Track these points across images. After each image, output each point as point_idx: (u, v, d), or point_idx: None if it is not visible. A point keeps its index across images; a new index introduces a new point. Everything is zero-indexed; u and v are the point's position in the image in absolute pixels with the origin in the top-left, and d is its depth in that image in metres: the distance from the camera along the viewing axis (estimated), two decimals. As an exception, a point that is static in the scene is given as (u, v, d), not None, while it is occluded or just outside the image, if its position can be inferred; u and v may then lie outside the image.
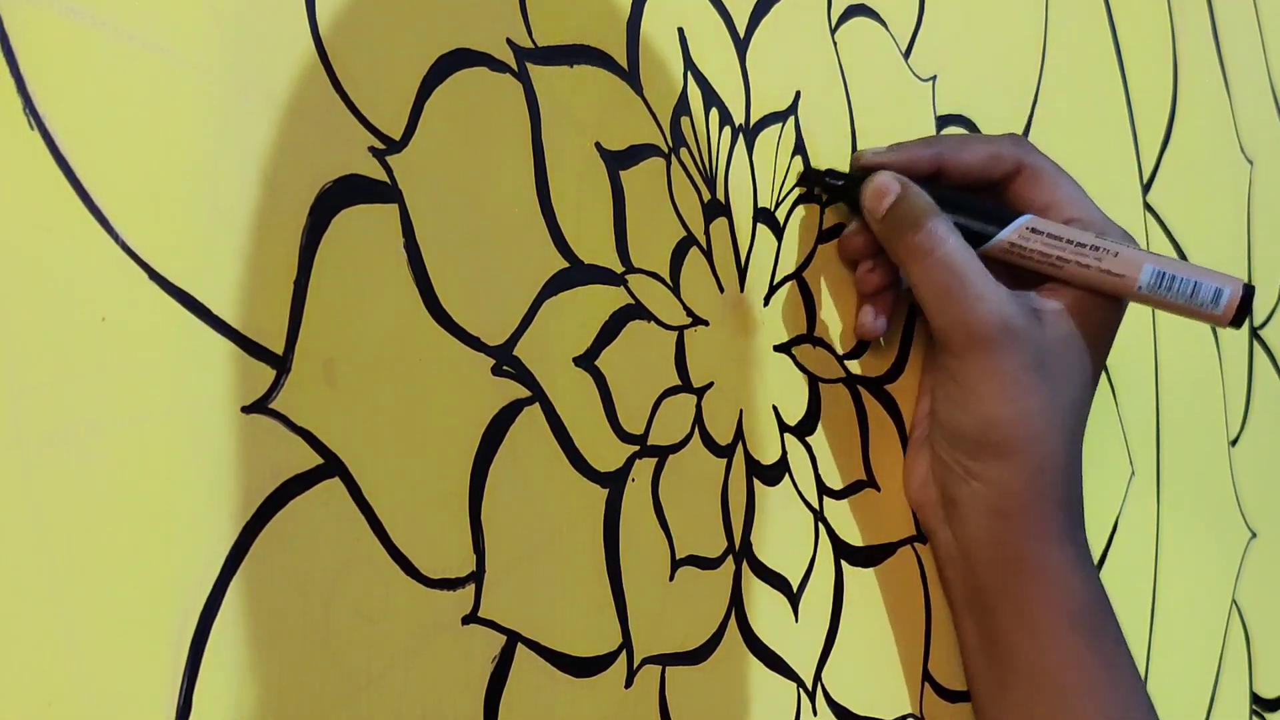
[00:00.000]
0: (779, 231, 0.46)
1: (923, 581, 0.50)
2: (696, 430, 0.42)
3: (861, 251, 0.47)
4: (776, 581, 0.44)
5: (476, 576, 0.35)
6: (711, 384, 0.42)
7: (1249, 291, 0.44)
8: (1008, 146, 0.48)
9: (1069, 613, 0.45)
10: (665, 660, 0.40)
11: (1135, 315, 0.66)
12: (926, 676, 0.50)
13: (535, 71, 0.38)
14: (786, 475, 0.45)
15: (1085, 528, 0.47)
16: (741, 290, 0.44)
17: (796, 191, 0.47)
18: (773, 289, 0.45)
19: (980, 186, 0.48)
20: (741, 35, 0.45)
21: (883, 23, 0.52)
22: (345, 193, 0.33)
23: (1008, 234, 0.46)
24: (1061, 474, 0.45)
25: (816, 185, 0.47)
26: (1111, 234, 0.46)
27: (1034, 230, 0.46)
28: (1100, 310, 0.47)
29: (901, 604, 0.49)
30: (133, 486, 0.28)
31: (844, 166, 0.49)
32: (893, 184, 0.45)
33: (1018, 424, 0.44)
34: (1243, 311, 0.44)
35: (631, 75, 0.41)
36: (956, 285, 0.44)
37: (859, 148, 0.50)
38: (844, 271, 0.49)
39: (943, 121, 0.54)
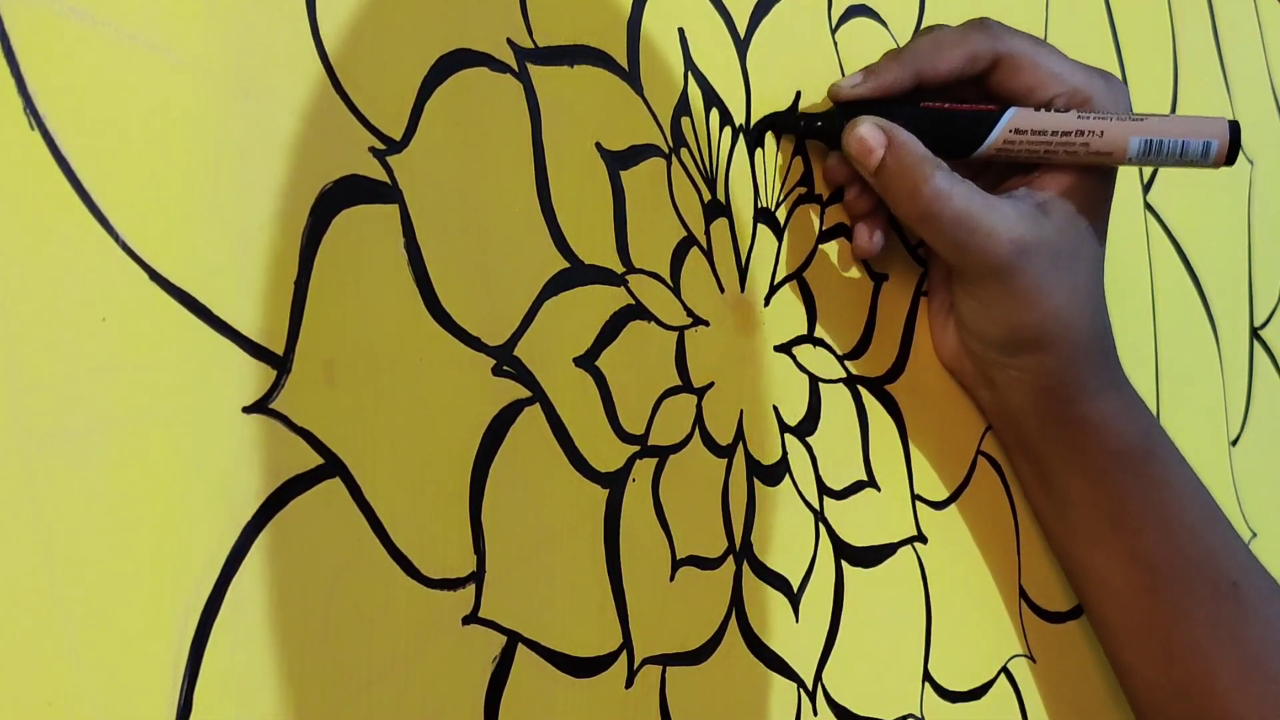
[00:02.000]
0: (779, 231, 0.46)
1: (923, 581, 0.50)
2: (697, 430, 0.42)
3: (848, 177, 0.47)
4: (777, 582, 0.44)
5: (477, 577, 0.35)
6: (712, 384, 0.42)
7: (1235, 131, 0.45)
8: (981, 41, 0.47)
9: (1116, 454, 0.49)
10: (666, 660, 0.40)
11: (1136, 314, 0.66)
12: (927, 676, 0.50)
13: (536, 71, 0.38)
14: (787, 475, 0.45)
15: (1120, 362, 0.50)
16: (742, 290, 0.44)
17: (798, 191, 0.47)
18: (773, 289, 0.45)
19: (960, 86, 0.47)
20: (742, 35, 0.45)
21: (883, 23, 0.52)
22: (346, 193, 0.33)
23: (993, 140, 0.46)
24: (1094, 340, 0.48)
25: (790, 130, 0.46)
26: (1097, 97, 0.47)
27: (1017, 131, 0.46)
28: (1094, 183, 0.48)
29: (902, 604, 0.49)
30: (133, 487, 0.28)
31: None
32: (878, 135, 0.45)
33: (1045, 323, 0.46)
34: (1233, 151, 0.45)
35: (632, 75, 0.41)
36: (969, 232, 0.45)
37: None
38: (844, 271, 0.49)
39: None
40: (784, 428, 0.45)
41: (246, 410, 0.30)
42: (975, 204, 0.45)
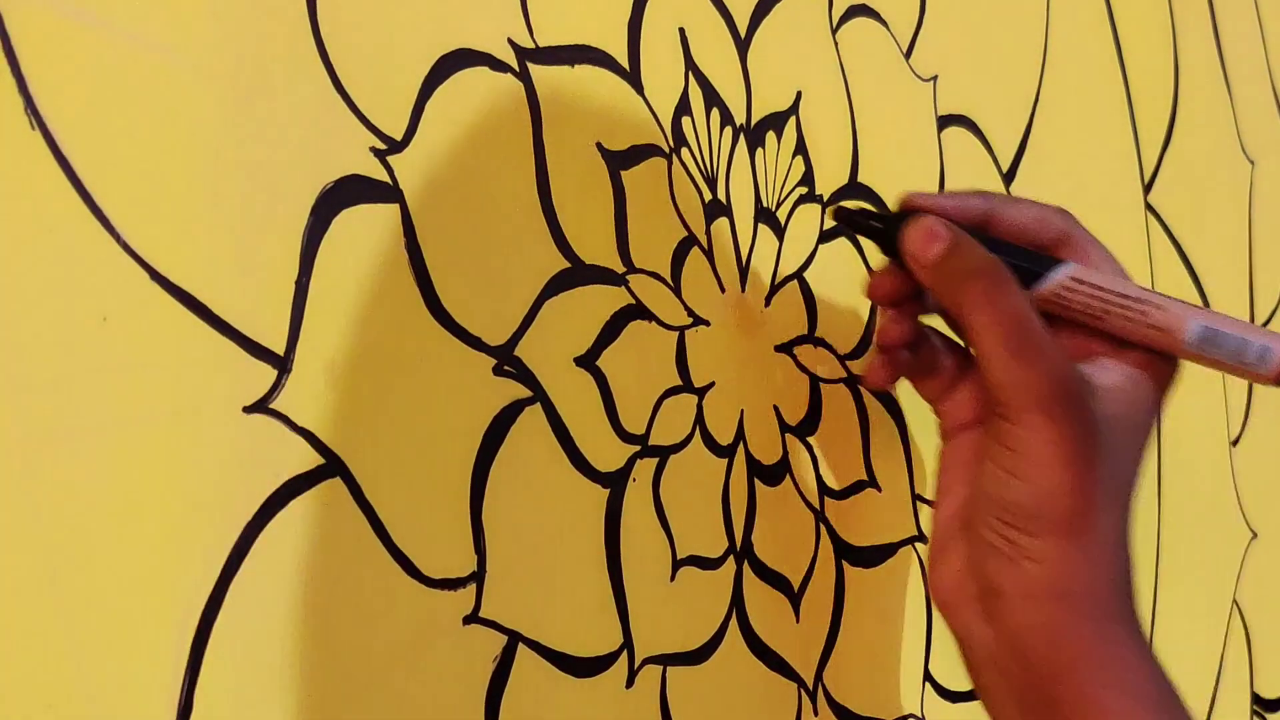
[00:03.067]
0: (780, 232, 0.46)
1: (923, 582, 0.50)
2: (697, 430, 0.42)
3: (890, 296, 0.45)
4: (777, 582, 0.44)
5: (477, 576, 0.35)
6: (712, 384, 0.42)
7: None
8: (1056, 214, 0.46)
9: (1146, 699, 0.42)
10: (666, 660, 0.40)
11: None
12: (927, 676, 0.50)
13: (536, 71, 0.38)
14: (787, 475, 0.45)
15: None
16: (743, 290, 0.44)
17: (799, 191, 0.47)
18: (774, 289, 0.45)
19: (1025, 246, 0.45)
20: (742, 35, 0.45)
21: (884, 23, 0.52)
22: (347, 193, 0.33)
23: (1054, 280, 0.44)
24: (1118, 555, 0.42)
25: (851, 225, 0.44)
26: (1163, 306, 0.44)
27: (1078, 280, 0.44)
28: (1147, 391, 0.44)
29: (902, 604, 0.49)
30: (134, 486, 0.28)
31: (844, 175, 0.49)
32: (942, 230, 0.43)
33: (1082, 494, 0.40)
34: None
35: (633, 75, 0.41)
36: (1023, 341, 0.41)
37: (862, 155, 0.50)
38: (845, 272, 0.49)
39: (944, 121, 0.54)
40: (785, 427, 0.45)
41: (247, 410, 0.30)
42: (1035, 318, 0.42)
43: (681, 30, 0.42)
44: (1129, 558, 0.43)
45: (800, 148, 0.47)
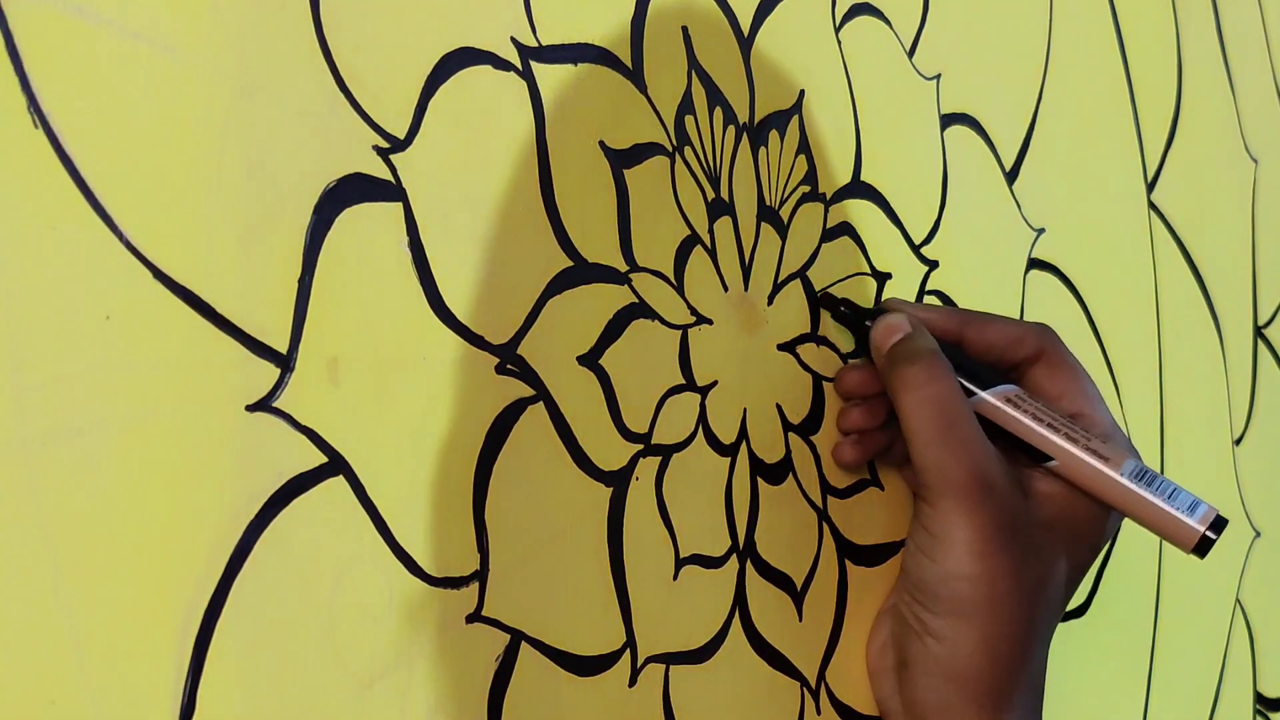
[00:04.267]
0: (783, 230, 0.46)
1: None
2: (700, 429, 0.42)
3: (854, 389, 0.47)
4: (780, 580, 0.44)
5: (480, 575, 0.35)
6: (715, 383, 0.42)
7: (1222, 521, 0.43)
8: (1033, 333, 0.47)
9: None
10: (669, 659, 0.40)
11: (1139, 313, 0.66)
12: (930, 676, 0.50)
13: (539, 70, 0.38)
14: (790, 474, 0.45)
15: None
16: (745, 289, 0.44)
17: (801, 190, 0.47)
18: (777, 288, 0.45)
19: (998, 365, 0.47)
20: (745, 34, 0.45)
21: (887, 21, 0.52)
22: (349, 191, 0.33)
23: (1002, 388, 0.45)
24: (1022, 648, 0.43)
25: (830, 308, 0.47)
26: (1115, 439, 0.46)
27: (1020, 398, 0.45)
28: (1088, 513, 0.46)
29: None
30: (136, 485, 0.28)
31: (847, 174, 0.49)
32: (904, 324, 0.45)
33: (981, 582, 0.42)
34: (1213, 533, 0.43)
35: (635, 74, 0.41)
36: (944, 426, 0.43)
37: (865, 154, 0.50)
38: (848, 271, 0.49)
39: (947, 120, 0.54)
40: (787, 426, 0.45)
41: (250, 409, 0.30)
42: (962, 408, 0.43)
43: (684, 29, 0.42)
44: (1038, 663, 0.44)
45: (803, 146, 0.47)
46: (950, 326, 0.47)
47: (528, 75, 0.37)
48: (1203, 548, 0.43)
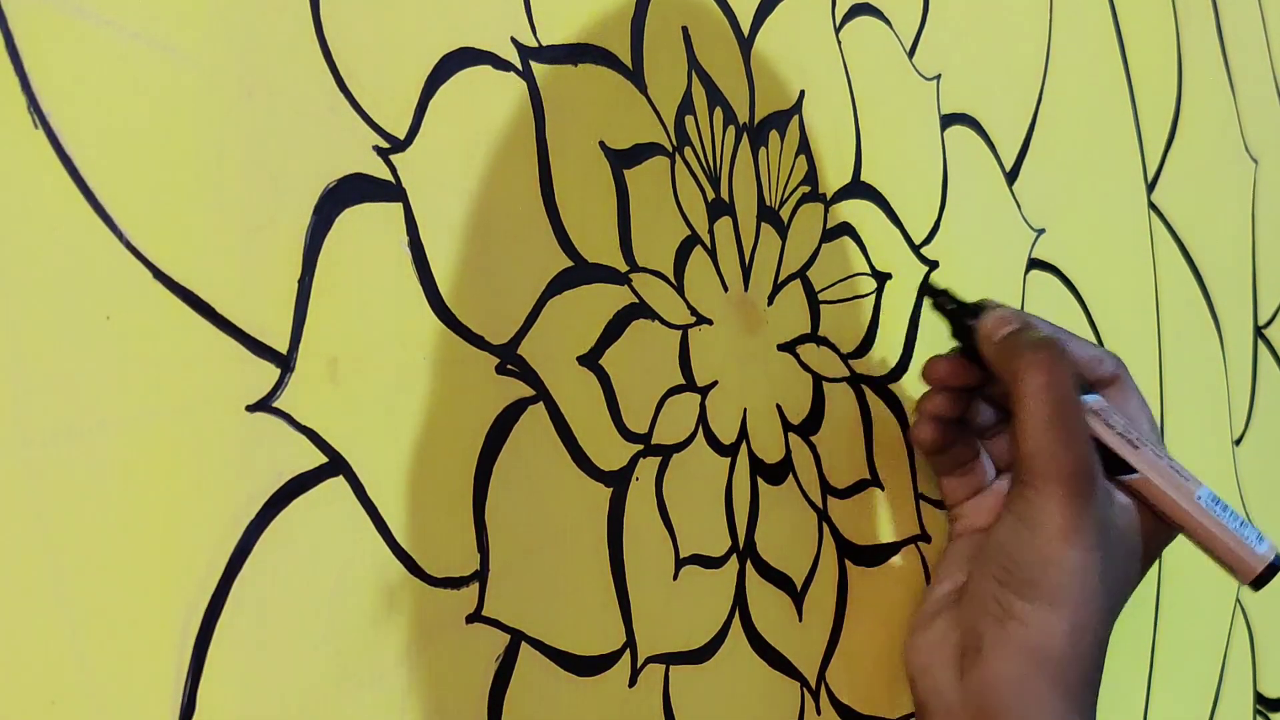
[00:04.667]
0: (783, 230, 0.46)
1: (926, 581, 0.50)
2: (700, 429, 0.42)
3: (945, 378, 0.48)
4: (780, 580, 0.44)
5: (480, 575, 0.35)
6: (715, 383, 0.42)
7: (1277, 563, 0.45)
8: (1111, 358, 0.49)
9: None
10: (669, 659, 0.40)
11: (1140, 313, 0.66)
12: (930, 676, 0.50)
13: (539, 70, 0.38)
14: (790, 474, 0.45)
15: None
16: (745, 289, 0.44)
17: (801, 190, 0.47)
18: (777, 288, 0.45)
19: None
20: (745, 34, 0.45)
21: (887, 22, 0.52)
22: (349, 191, 0.33)
23: (1090, 401, 0.46)
24: (1098, 644, 0.44)
25: (936, 299, 0.48)
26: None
27: (1106, 410, 0.47)
28: (1153, 531, 0.47)
29: (905, 603, 0.49)
30: (136, 485, 0.28)
31: (847, 174, 0.49)
32: (1015, 317, 0.47)
33: (1077, 572, 0.43)
34: (1275, 568, 0.44)
35: (635, 74, 0.41)
36: (1061, 413, 0.44)
37: (865, 154, 0.50)
38: (848, 271, 0.49)
39: (947, 120, 0.54)
40: (787, 426, 0.45)
41: (250, 409, 0.30)
42: (1078, 402, 0.45)
43: (684, 29, 0.42)
44: (1101, 657, 0.45)
45: (803, 147, 0.47)
46: (1045, 331, 0.47)
47: (528, 75, 0.37)
48: (1262, 580, 0.44)
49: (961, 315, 0.48)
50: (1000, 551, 0.45)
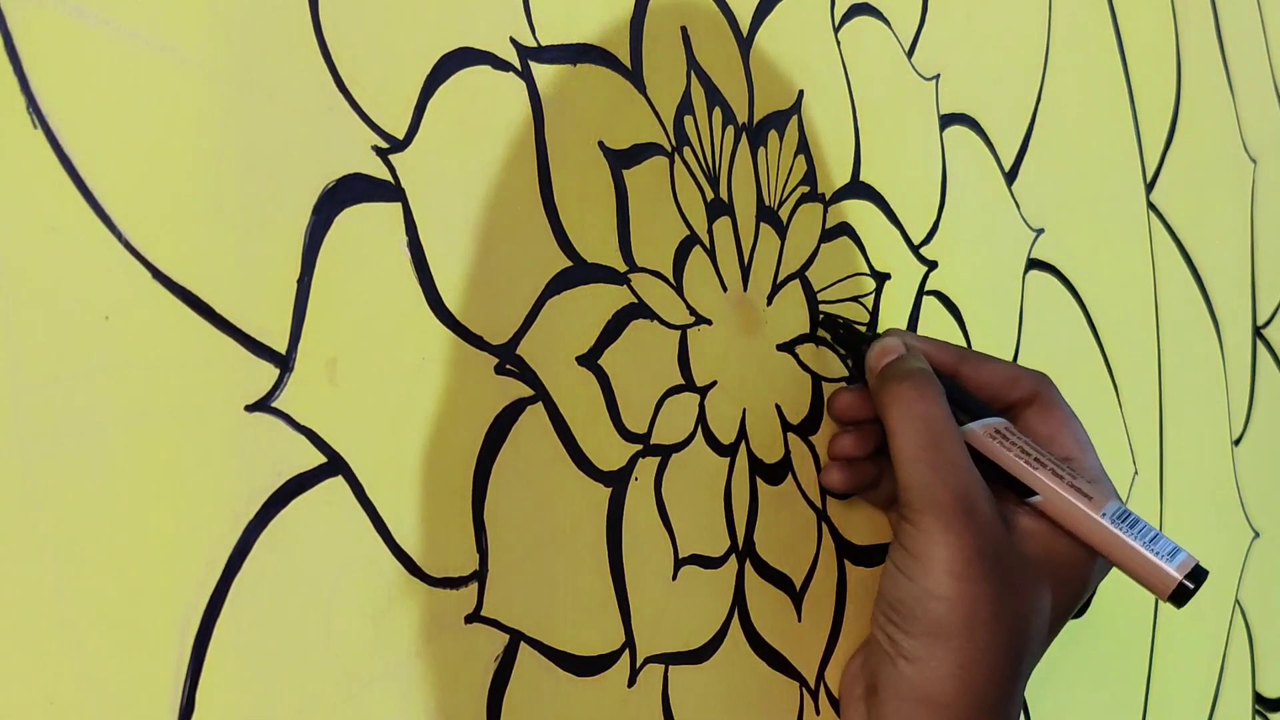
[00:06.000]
0: (782, 231, 0.46)
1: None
2: (699, 429, 0.42)
3: (846, 410, 0.46)
4: (779, 580, 0.44)
5: (479, 575, 0.35)
6: (714, 383, 0.42)
7: (1201, 572, 0.42)
8: (1029, 376, 0.47)
9: None
10: (668, 659, 0.40)
11: (1139, 313, 0.66)
12: (929, 676, 0.50)
13: (539, 70, 0.38)
14: (789, 474, 0.45)
15: None
16: (745, 289, 0.44)
17: (800, 190, 0.47)
18: (776, 288, 0.45)
19: (991, 404, 0.47)
20: (745, 34, 0.45)
21: (886, 22, 0.52)
22: (348, 192, 0.33)
23: (990, 421, 0.45)
24: (998, 680, 0.42)
25: (830, 330, 0.47)
26: (1101, 484, 0.45)
27: (1009, 430, 0.45)
28: (1071, 554, 0.45)
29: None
30: (135, 485, 0.28)
31: (846, 174, 0.49)
32: (899, 346, 0.45)
33: (959, 604, 0.41)
34: (1191, 582, 0.42)
35: (635, 74, 0.41)
36: (931, 444, 0.42)
37: (864, 154, 0.50)
38: (847, 271, 0.49)
39: (946, 120, 0.54)
40: (786, 426, 0.45)
41: (249, 409, 0.30)
42: (950, 428, 0.43)
43: (684, 29, 0.42)
44: (1014, 694, 0.43)
45: (802, 147, 0.47)
46: (947, 360, 0.46)
47: (527, 75, 0.37)
48: (1180, 597, 0.42)
49: (855, 346, 0.47)
50: (889, 587, 0.43)
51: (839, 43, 0.49)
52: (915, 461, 0.42)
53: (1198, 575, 0.42)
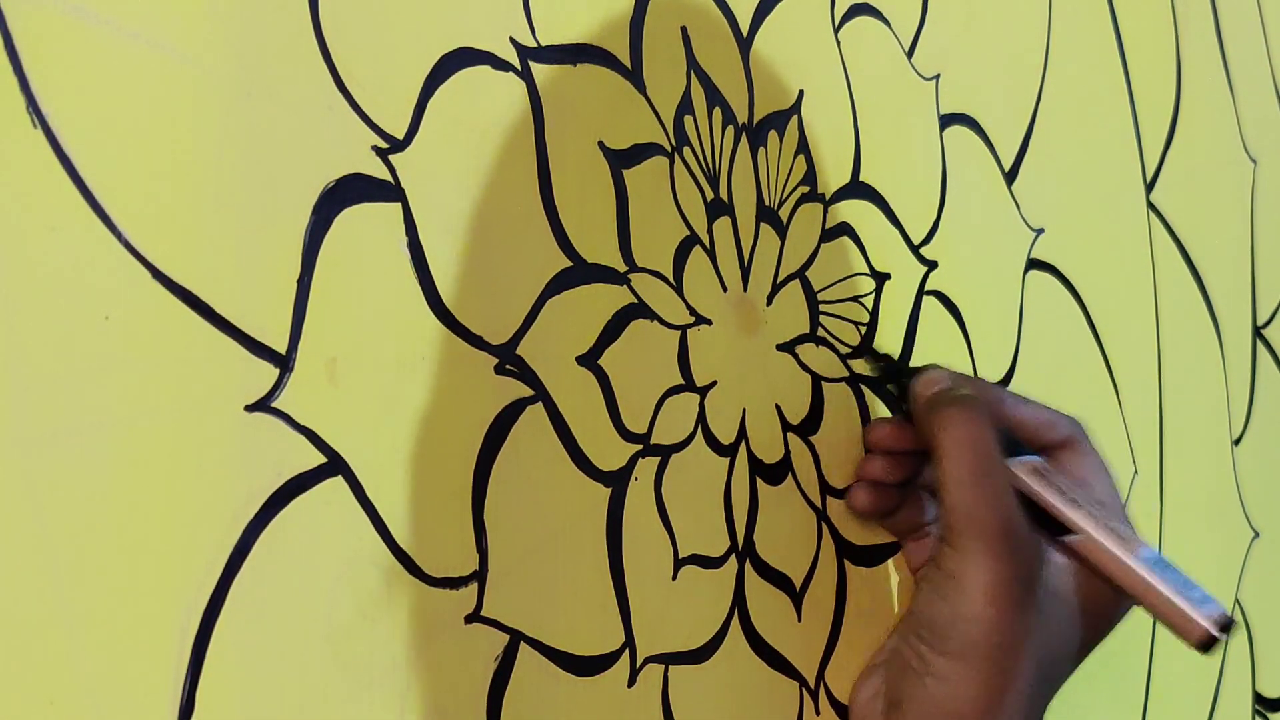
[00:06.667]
0: (782, 231, 0.46)
1: (925, 581, 0.50)
2: (699, 429, 0.42)
3: (883, 441, 0.47)
4: (779, 580, 0.44)
5: (479, 575, 0.35)
6: (714, 383, 0.42)
7: (1230, 621, 0.43)
8: (1066, 421, 0.48)
9: None
10: (668, 659, 0.40)
11: (1139, 313, 0.66)
12: (929, 676, 0.50)
13: (538, 70, 0.38)
14: (789, 474, 0.45)
15: None
16: (745, 289, 0.44)
17: (800, 190, 0.47)
18: (776, 288, 0.45)
19: (1028, 444, 0.47)
20: (744, 34, 0.45)
21: (886, 22, 0.52)
22: (348, 192, 0.33)
23: (1024, 460, 0.46)
24: (1020, 706, 0.43)
25: (873, 363, 0.48)
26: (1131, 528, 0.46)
27: (1047, 469, 0.46)
28: (1099, 595, 0.46)
29: (904, 603, 0.49)
30: (135, 485, 0.28)
31: (846, 174, 0.49)
32: (945, 376, 0.46)
33: (994, 628, 0.42)
34: (1221, 633, 0.42)
35: (634, 74, 0.41)
36: (978, 469, 0.43)
37: (864, 154, 0.50)
38: (847, 271, 0.49)
39: (946, 121, 0.54)
40: (786, 426, 0.45)
41: (249, 409, 0.30)
42: (998, 458, 0.44)
43: (683, 29, 0.42)
44: (1035, 714, 0.44)
45: (802, 147, 0.47)
46: (990, 399, 0.47)
47: (527, 75, 0.37)
48: (1207, 645, 0.43)
49: (897, 377, 0.47)
50: (923, 606, 0.44)
51: (839, 43, 0.49)
52: (962, 485, 0.43)
53: (1226, 625, 0.43)
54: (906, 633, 0.44)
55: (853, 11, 0.50)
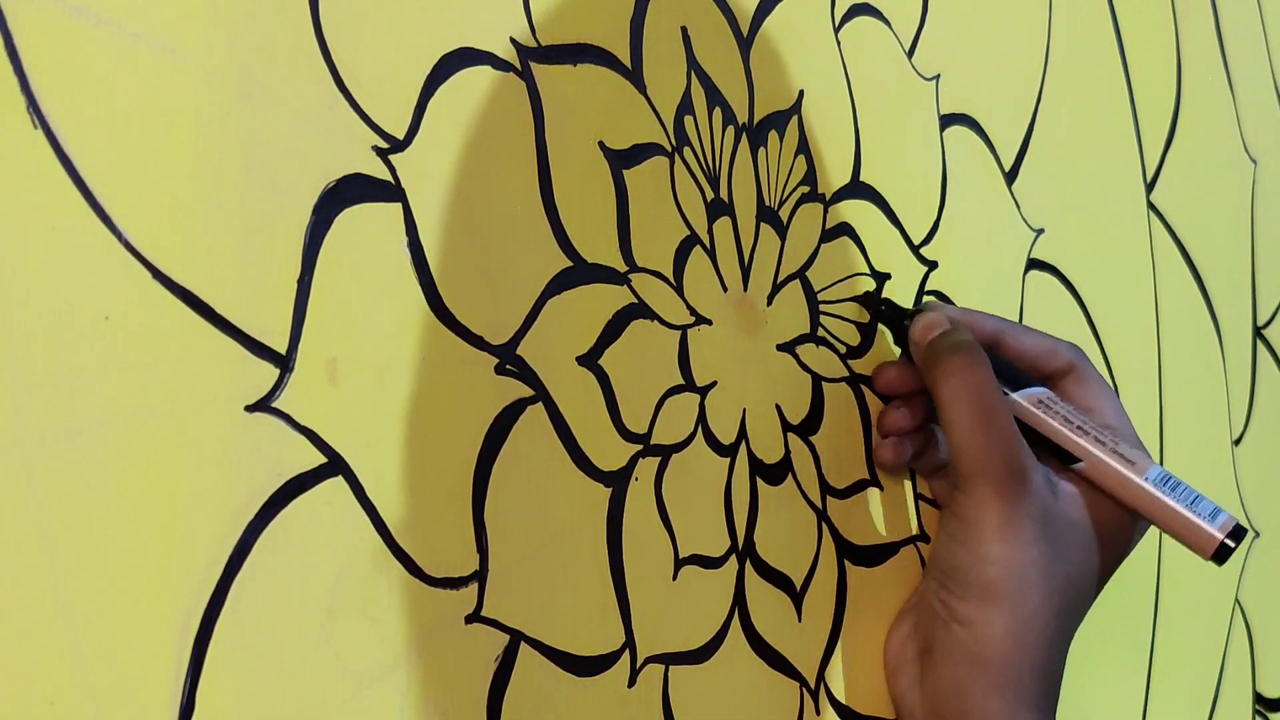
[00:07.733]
0: (782, 231, 0.46)
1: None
2: (700, 429, 0.42)
3: (891, 384, 0.48)
4: (779, 580, 0.44)
5: (480, 575, 0.35)
6: (715, 383, 0.42)
7: (1241, 530, 0.44)
8: (1066, 347, 0.49)
9: None
10: (668, 659, 0.40)
11: (1139, 314, 0.66)
12: (929, 676, 0.50)
13: (539, 70, 0.38)
14: (789, 474, 0.45)
15: None
16: (745, 289, 0.44)
17: (801, 190, 0.47)
18: (776, 288, 0.45)
19: (1030, 374, 0.48)
20: (745, 34, 0.45)
21: (886, 22, 0.52)
22: (349, 192, 0.33)
23: (1028, 393, 0.47)
24: (1046, 641, 0.44)
25: (871, 308, 0.49)
26: (1139, 449, 0.47)
27: (1053, 399, 0.47)
28: (1113, 517, 0.46)
29: (904, 603, 0.49)
30: (136, 485, 0.28)
31: (846, 174, 0.49)
32: (943, 320, 0.47)
33: (1010, 567, 0.43)
34: (1232, 541, 0.44)
35: (635, 74, 0.41)
36: (982, 414, 0.44)
37: (864, 154, 0.50)
38: (848, 271, 0.49)
39: (946, 121, 0.54)
40: (786, 426, 0.45)
41: (249, 409, 0.30)
42: (999, 399, 0.44)
43: (684, 29, 0.42)
44: (1059, 654, 0.45)
45: (802, 147, 0.47)
46: (986, 331, 0.48)
47: (527, 75, 0.37)
48: (1221, 554, 0.44)
49: (898, 321, 0.48)
50: (943, 554, 0.45)
51: (839, 43, 0.49)
52: (968, 432, 0.44)
53: (1238, 534, 0.44)
54: (930, 579, 0.46)
55: (853, 11, 0.50)
